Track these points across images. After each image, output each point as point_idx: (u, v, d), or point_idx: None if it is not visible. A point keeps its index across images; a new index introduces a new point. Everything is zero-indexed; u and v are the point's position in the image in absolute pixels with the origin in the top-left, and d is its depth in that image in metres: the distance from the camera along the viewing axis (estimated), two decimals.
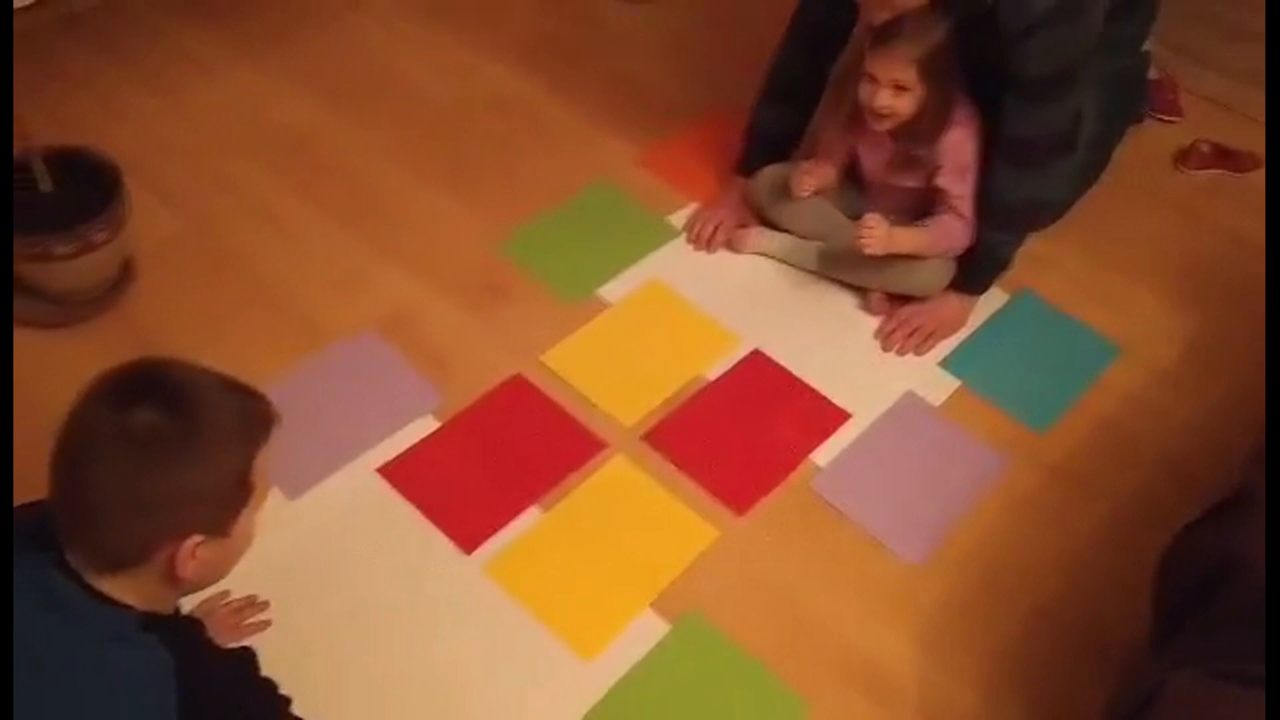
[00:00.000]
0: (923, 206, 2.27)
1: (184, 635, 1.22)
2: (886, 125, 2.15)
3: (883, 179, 2.30)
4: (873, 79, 2.10)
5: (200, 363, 1.25)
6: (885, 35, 2.06)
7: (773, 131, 2.42)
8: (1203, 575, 1.45)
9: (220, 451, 1.17)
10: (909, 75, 2.07)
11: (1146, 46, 2.58)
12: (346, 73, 2.78)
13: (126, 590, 1.18)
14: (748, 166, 2.47)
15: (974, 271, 2.28)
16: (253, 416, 1.22)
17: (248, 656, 1.29)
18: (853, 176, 2.38)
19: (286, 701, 1.36)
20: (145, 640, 1.17)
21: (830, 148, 2.36)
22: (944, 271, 2.26)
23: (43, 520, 1.19)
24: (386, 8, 2.97)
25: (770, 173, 2.40)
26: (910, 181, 2.25)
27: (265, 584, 1.77)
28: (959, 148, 2.18)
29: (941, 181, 2.19)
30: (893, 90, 2.09)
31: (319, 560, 1.87)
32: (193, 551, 1.18)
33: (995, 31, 1.98)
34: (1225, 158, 2.74)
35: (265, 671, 1.40)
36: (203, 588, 1.26)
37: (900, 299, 2.32)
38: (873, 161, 2.29)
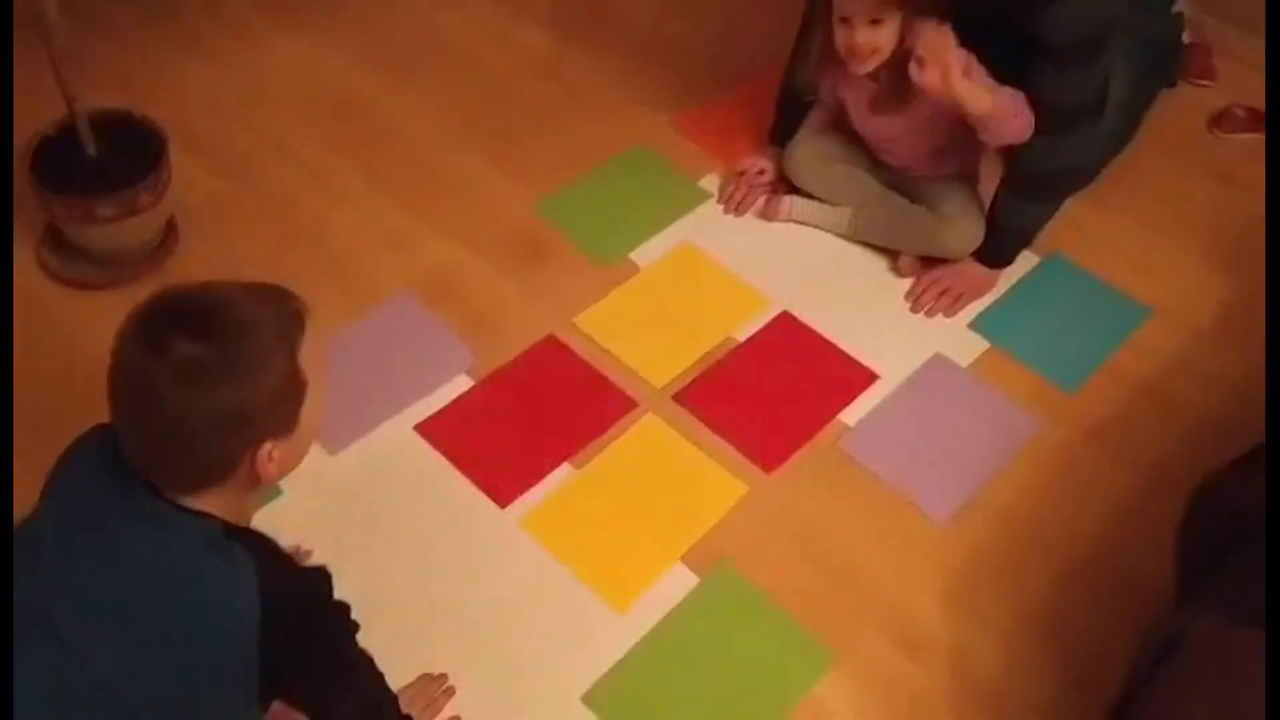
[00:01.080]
0: (930, 141, 2.24)
1: (262, 546, 1.26)
2: (871, 64, 2.08)
3: (865, 126, 2.29)
4: (845, 21, 2.04)
5: None
6: None
7: (801, 101, 2.43)
8: (1231, 523, 1.46)
9: (267, 360, 1.20)
10: (879, 4, 2.00)
11: (1178, 8, 2.57)
12: (389, 39, 2.81)
13: (211, 504, 1.24)
14: (779, 135, 2.48)
15: (997, 243, 2.28)
16: (285, 316, 1.24)
17: (325, 574, 1.31)
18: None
19: (356, 627, 1.39)
20: (232, 548, 1.22)
21: (827, 102, 2.35)
22: (974, 233, 2.27)
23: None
24: None
25: (801, 141, 2.41)
26: (896, 120, 2.21)
27: (306, 536, 1.82)
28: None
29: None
30: (869, 25, 2.03)
31: (359, 513, 1.92)
32: (270, 454, 1.23)
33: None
34: (1260, 121, 2.73)
35: None
36: (284, 477, 1.30)
37: (930, 262, 2.33)
38: (855, 104, 2.27)
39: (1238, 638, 1.29)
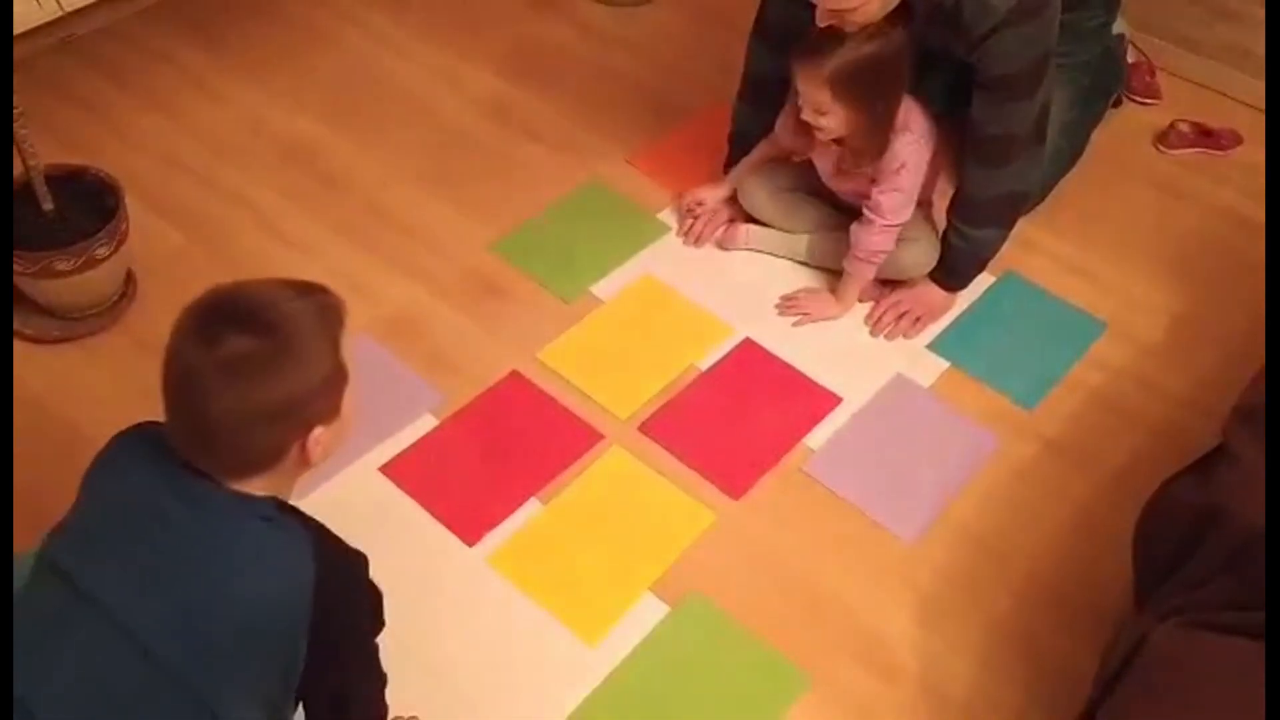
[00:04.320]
0: None
1: (310, 520, 1.31)
2: (822, 137, 2.16)
3: (832, 183, 2.33)
4: (799, 94, 2.10)
5: None
6: (805, 50, 2.04)
7: (749, 131, 2.46)
8: (1183, 528, 1.48)
9: (313, 352, 1.26)
10: (824, 98, 2.05)
11: (1119, 30, 2.61)
12: (341, 86, 2.83)
13: (259, 487, 1.28)
14: (733, 167, 2.50)
15: (952, 267, 2.31)
16: (327, 310, 1.30)
17: (364, 556, 1.36)
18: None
19: (383, 624, 1.42)
20: (286, 520, 1.27)
21: (783, 134, 2.36)
22: (929, 253, 2.30)
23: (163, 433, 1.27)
24: (379, 22, 3.02)
25: (753, 172, 2.44)
26: (855, 189, 2.26)
27: None
28: (897, 154, 2.15)
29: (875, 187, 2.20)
30: (814, 111, 2.09)
31: None
32: (318, 439, 1.28)
33: (960, 33, 2.00)
34: (1206, 136, 2.78)
35: None
36: (328, 459, 1.35)
37: (887, 285, 2.36)
38: (822, 165, 2.32)
39: (1195, 644, 1.31)
